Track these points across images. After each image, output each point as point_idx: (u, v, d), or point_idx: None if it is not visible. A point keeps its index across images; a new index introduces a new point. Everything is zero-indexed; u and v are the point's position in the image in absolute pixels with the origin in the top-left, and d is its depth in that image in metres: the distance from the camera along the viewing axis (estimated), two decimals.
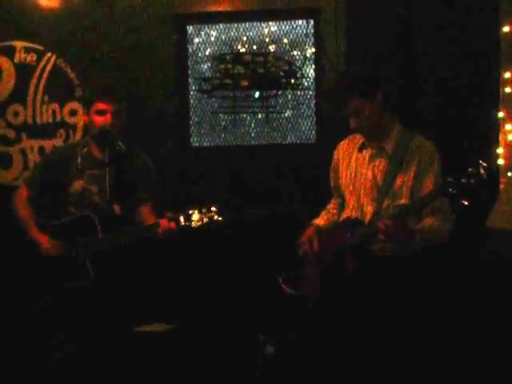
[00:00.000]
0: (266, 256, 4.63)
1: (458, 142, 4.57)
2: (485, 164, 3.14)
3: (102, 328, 3.80)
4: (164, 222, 3.69)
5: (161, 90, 5.23)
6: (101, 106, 3.83)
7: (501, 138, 4.65)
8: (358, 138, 3.73)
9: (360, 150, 3.69)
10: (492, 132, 4.66)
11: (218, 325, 4.74)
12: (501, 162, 4.63)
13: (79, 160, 3.93)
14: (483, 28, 4.62)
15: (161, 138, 5.18)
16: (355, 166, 3.68)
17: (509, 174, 4.55)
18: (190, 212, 3.68)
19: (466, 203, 3.17)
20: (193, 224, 3.67)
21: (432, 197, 3.31)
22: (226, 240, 4.58)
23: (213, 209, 3.69)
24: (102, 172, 3.88)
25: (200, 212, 3.67)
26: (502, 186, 4.51)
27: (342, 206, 3.83)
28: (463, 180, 3.16)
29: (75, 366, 3.79)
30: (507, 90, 4.62)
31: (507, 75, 4.62)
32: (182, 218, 3.68)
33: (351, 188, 3.67)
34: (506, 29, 4.61)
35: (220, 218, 3.68)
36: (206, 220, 3.67)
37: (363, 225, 3.51)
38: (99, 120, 3.84)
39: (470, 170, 3.16)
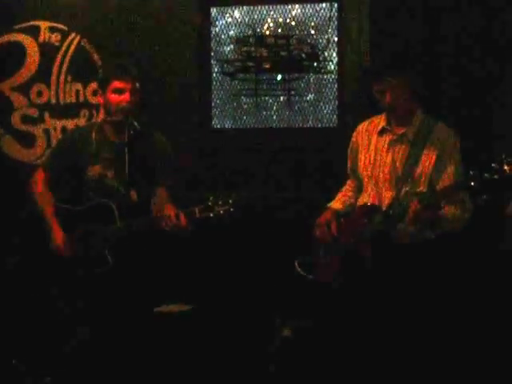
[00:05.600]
0: (284, 240, 4.63)
1: (480, 130, 4.53)
2: (509, 160, 3.11)
3: (121, 311, 3.80)
4: (167, 218, 3.62)
5: (183, 72, 5.23)
6: (118, 84, 3.75)
7: None
8: (378, 122, 3.72)
9: (380, 134, 3.68)
10: None
11: (235, 307, 4.76)
12: None
13: (94, 144, 3.85)
14: (504, 15, 4.55)
15: (183, 120, 5.18)
16: (374, 150, 3.68)
17: None
18: (209, 203, 3.61)
19: (486, 198, 3.16)
20: (211, 215, 3.60)
21: (454, 190, 3.31)
22: (244, 223, 4.58)
23: (230, 200, 3.61)
24: (118, 156, 3.78)
25: (218, 203, 3.60)
26: None
27: (358, 189, 3.83)
28: (486, 175, 3.14)
29: (94, 349, 3.83)
30: None
31: None
32: (198, 211, 3.61)
33: (369, 172, 3.67)
34: None
35: (234, 210, 3.60)
36: (222, 212, 3.59)
37: (380, 211, 3.50)
38: (117, 99, 3.75)
39: (494, 165, 3.14)
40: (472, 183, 3.16)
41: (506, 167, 3.11)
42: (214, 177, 5.12)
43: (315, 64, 5.19)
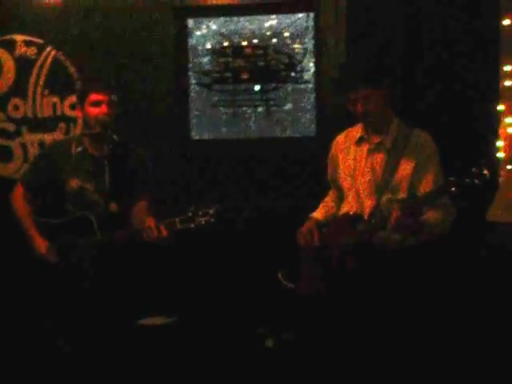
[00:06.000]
0: (266, 250, 4.63)
1: (458, 136, 4.57)
2: (489, 164, 3.13)
3: (103, 324, 3.78)
4: (148, 229, 3.60)
5: (161, 84, 5.23)
6: (95, 97, 3.76)
7: (501, 131, 4.65)
8: (356, 132, 3.74)
9: (358, 143, 3.70)
10: (492, 125, 4.65)
11: (218, 319, 4.75)
12: (501, 155, 4.63)
13: (74, 157, 3.84)
14: (483, 21, 4.60)
15: (161, 131, 5.17)
16: (353, 159, 3.68)
17: (508, 167, 4.55)
18: (189, 214, 3.59)
19: (468, 202, 3.18)
20: (191, 226, 3.59)
21: (435, 195, 3.31)
22: (226, 234, 4.58)
23: (211, 211, 3.60)
24: (97, 169, 3.81)
25: (198, 214, 3.59)
26: (502, 179, 4.50)
27: (339, 199, 3.84)
28: (467, 180, 3.15)
29: (76, 363, 3.79)
30: (507, 83, 4.61)
31: (507, 68, 4.61)
32: (178, 222, 3.59)
33: (350, 182, 3.67)
34: (506, 22, 4.60)
35: (214, 220, 3.59)
36: (203, 223, 3.58)
37: (362, 220, 3.51)
38: (94, 111, 3.76)
39: (474, 169, 3.15)
40: (453, 188, 3.17)
41: (485, 171, 3.13)
42: (194, 187, 5.11)
43: (293, 74, 5.21)
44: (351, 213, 3.59)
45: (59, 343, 3.82)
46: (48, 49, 5.32)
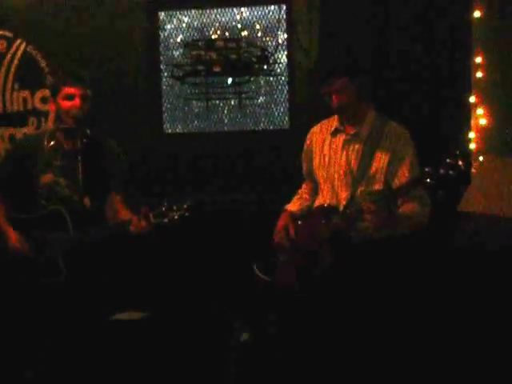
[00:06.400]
0: (241, 244, 4.63)
1: (430, 127, 4.60)
2: (462, 155, 3.15)
3: (75, 320, 3.76)
4: (136, 220, 3.60)
5: (133, 77, 5.20)
6: (68, 90, 3.73)
7: (472, 122, 4.68)
8: (331, 123, 3.74)
9: (333, 134, 3.70)
10: (464, 116, 4.68)
11: (192, 314, 4.74)
12: (472, 146, 4.66)
13: (46, 152, 3.79)
14: (454, 13, 4.62)
15: (134, 125, 5.15)
16: (328, 151, 3.68)
17: (480, 158, 4.59)
18: (163, 209, 3.59)
19: (443, 193, 3.19)
20: (164, 220, 3.58)
21: (410, 187, 3.32)
22: (199, 227, 4.56)
23: (185, 206, 3.59)
24: (70, 163, 3.78)
25: (172, 209, 3.58)
26: (473, 171, 4.54)
27: (314, 191, 3.84)
28: (441, 171, 3.16)
29: (49, 360, 3.77)
30: (478, 74, 4.64)
31: (478, 60, 4.64)
32: (152, 216, 3.59)
33: (325, 174, 3.67)
34: (476, 14, 4.62)
35: (188, 215, 3.60)
36: (177, 217, 3.58)
37: (338, 212, 3.51)
38: (67, 105, 3.73)
39: (449, 160, 3.16)
40: (428, 179, 3.19)
41: (460, 162, 3.14)
42: (167, 181, 5.09)
43: (265, 66, 5.19)
44: (326, 205, 3.60)
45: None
46: (18, 42, 5.26)
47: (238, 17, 5.28)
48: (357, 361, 3.50)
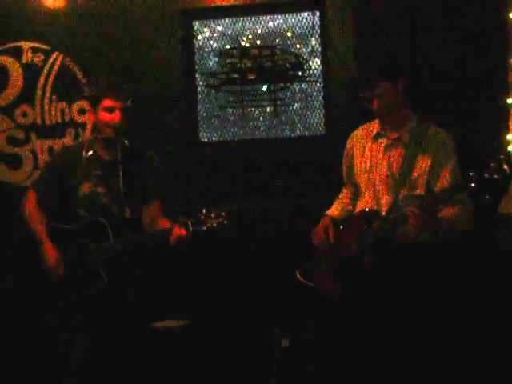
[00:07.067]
0: (281, 250, 4.63)
1: (468, 130, 4.56)
2: (506, 158, 3.11)
3: (118, 328, 3.78)
4: (177, 230, 3.60)
5: (168, 87, 5.22)
6: (109, 102, 3.76)
7: (510, 124, 4.64)
8: (372, 127, 3.73)
9: (375, 139, 3.69)
10: (502, 118, 4.64)
11: (234, 321, 4.75)
12: (511, 148, 4.62)
13: (85, 162, 3.81)
14: (491, 14, 4.59)
15: (170, 134, 5.18)
16: (370, 155, 3.67)
17: None
18: (201, 216, 3.59)
19: (489, 198, 3.16)
20: (203, 228, 3.58)
21: (453, 191, 3.29)
22: (240, 235, 4.56)
23: (223, 213, 3.59)
24: (109, 173, 3.82)
25: (211, 217, 3.58)
26: None
27: (355, 195, 3.83)
28: (486, 175, 3.13)
29: (91, 367, 3.79)
30: None
31: None
32: (190, 224, 3.59)
33: (366, 178, 3.66)
34: None
35: (227, 222, 3.59)
36: (215, 225, 3.58)
37: (379, 216, 3.50)
38: (107, 117, 3.76)
39: (493, 165, 3.13)
40: (472, 184, 3.15)
41: (505, 166, 3.10)
42: (204, 190, 5.10)
43: (300, 73, 5.20)
44: (368, 209, 3.58)
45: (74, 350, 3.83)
46: (55, 54, 5.32)
47: (272, 24, 5.29)
48: (399, 366, 3.47)
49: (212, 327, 4.68)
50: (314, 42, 5.24)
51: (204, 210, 3.62)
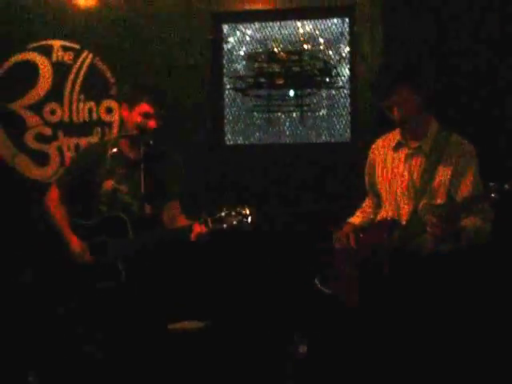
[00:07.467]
0: (301, 256, 4.62)
1: (491, 139, 4.51)
2: None
3: (134, 326, 3.80)
4: (197, 227, 3.59)
5: (196, 89, 5.24)
6: (147, 108, 3.78)
7: None
8: (393, 137, 3.70)
9: (395, 149, 3.66)
10: None
11: (252, 323, 4.74)
12: None
13: (109, 159, 3.82)
14: None
15: (196, 137, 5.20)
16: (391, 164, 3.65)
17: None
18: (222, 214, 3.57)
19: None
20: (224, 226, 3.56)
21: (474, 201, 3.28)
22: (260, 237, 4.57)
23: (243, 212, 3.56)
24: (132, 171, 3.86)
25: (231, 215, 3.55)
26: None
27: (377, 205, 3.81)
28: (506, 186, 3.10)
29: (107, 367, 3.81)
30: None
31: None
32: (210, 221, 3.57)
33: (387, 188, 3.64)
34: None
35: (250, 221, 3.55)
36: (235, 223, 3.55)
37: (400, 226, 3.48)
38: (143, 122, 3.79)
39: None
40: (492, 194, 3.13)
41: None
42: (228, 193, 5.11)
43: (327, 79, 5.20)
44: (389, 218, 3.57)
45: (90, 349, 3.85)
46: (85, 54, 5.37)
47: (301, 30, 5.30)
48: (417, 373, 3.45)
49: (229, 330, 4.68)
50: (342, 49, 5.24)
51: (225, 208, 3.62)
